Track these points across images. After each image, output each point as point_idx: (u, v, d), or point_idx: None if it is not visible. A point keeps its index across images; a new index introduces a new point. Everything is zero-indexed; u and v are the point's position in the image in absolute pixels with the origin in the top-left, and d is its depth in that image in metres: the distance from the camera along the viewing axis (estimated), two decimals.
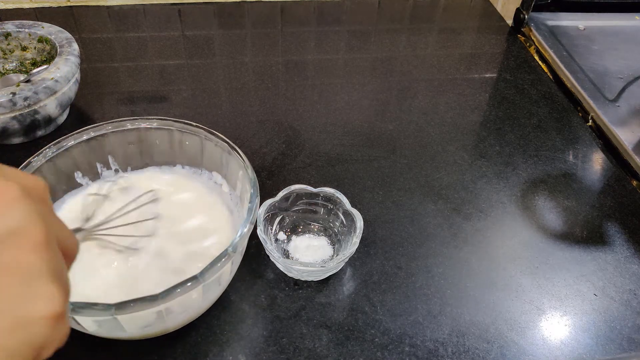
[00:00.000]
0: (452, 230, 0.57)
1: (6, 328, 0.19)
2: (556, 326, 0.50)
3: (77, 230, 0.40)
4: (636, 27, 0.94)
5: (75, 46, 0.65)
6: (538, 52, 0.87)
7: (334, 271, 0.51)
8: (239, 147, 0.48)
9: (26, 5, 0.86)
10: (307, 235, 0.54)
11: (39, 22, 0.68)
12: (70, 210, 0.49)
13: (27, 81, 0.59)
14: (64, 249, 0.24)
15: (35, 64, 0.67)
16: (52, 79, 0.59)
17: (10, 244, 0.20)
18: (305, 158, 0.65)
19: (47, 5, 0.87)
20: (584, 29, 0.92)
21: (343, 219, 0.53)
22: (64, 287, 0.22)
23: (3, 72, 0.67)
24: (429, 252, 0.55)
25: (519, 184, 0.64)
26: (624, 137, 0.69)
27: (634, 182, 0.65)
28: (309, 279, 0.51)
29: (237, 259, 0.45)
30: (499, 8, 0.98)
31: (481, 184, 0.63)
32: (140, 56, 0.79)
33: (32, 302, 0.20)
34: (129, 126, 0.51)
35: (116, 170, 0.53)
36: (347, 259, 0.50)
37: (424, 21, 0.93)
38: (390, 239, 0.56)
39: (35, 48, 0.67)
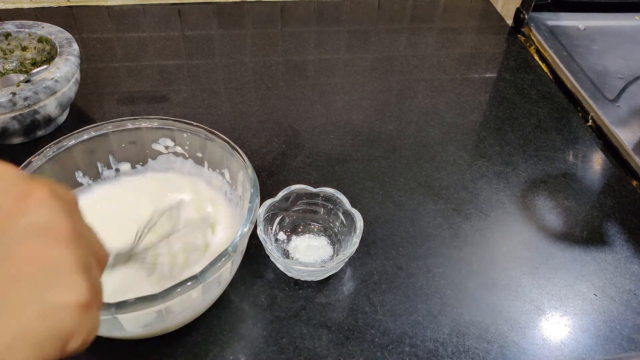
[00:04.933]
0: (452, 230, 0.57)
1: (35, 315, 0.20)
2: (556, 326, 0.50)
3: (128, 252, 0.40)
4: (636, 27, 0.94)
5: (75, 46, 0.65)
6: (538, 52, 0.87)
7: (334, 271, 0.51)
8: (239, 147, 0.48)
9: (26, 5, 0.86)
10: (307, 235, 0.54)
11: (39, 22, 0.68)
12: None
13: (27, 81, 0.59)
14: (94, 255, 0.25)
15: (35, 64, 0.67)
16: (52, 79, 0.59)
17: (38, 238, 0.22)
18: (305, 158, 0.65)
19: (47, 5, 0.87)
20: (584, 29, 0.92)
21: (343, 219, 0.53)
22: (91, 281, 0.23)
23: (3, 72, 0.67)
24: (429, 252, 0.55)
25: (519, 184, 0.64)
26: (624, 137, 0.69)
27: (634, 182, 0.65)
28: (309, 279, 0.51)
29: (237, 258, 0.45)
30: (499, 8, 0.98)
31: (481, 184, 0.63)
32: (140, 56, 0.79)
33: (58, 291, 0.21)
34: (130, 126, 0.51)
35: (117, 170, 0.53)
36: (347, 259, 0.50)
37: (424, 21, 0.93)
38: (390, 239, 0.56)
39: (35, 48, 0.67)
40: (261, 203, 0.51)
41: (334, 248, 0.53)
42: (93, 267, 0.24)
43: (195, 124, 0.51)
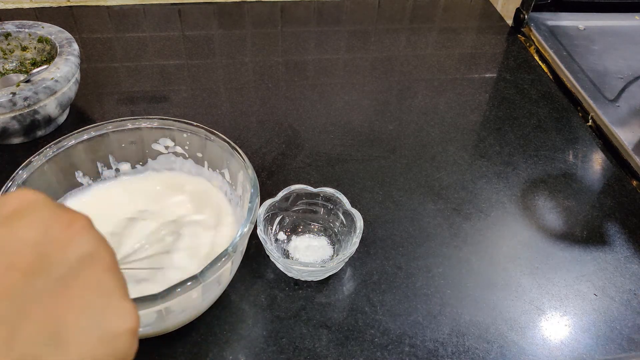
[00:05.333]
0: (452, 230, 0.57)
1: (95, 343, 0.21)
2: (556, 326, 0.50)
3: None
4: (636, 27, 0.94)
5: (75, 46, 0.65)
6: (538, 52, 0.87)
7: (334, 271, 0.51)
8: (239, 147, 0.48)
9: (26, 5, 0.86)
10: (307, 235, 0.54)
11: (39, 22, 0.68)
12: None
13: (27, 81, 0.59)
14: None
15: (35, 64, 0.67)
16: (52, 79, 0.59)
17: (87, 265, 0.22)
18: (305, 158, 0.65)
19: (47, 5, 0.87)
20: (584, 29, 0.92)
21: (343, 219, 0.53)
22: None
23: (3, 72, 0.67)
24: (429, 252, 0.55)
25: (519, 184, 0.64)
26: (624, 137, 0.69)
27: (634, 182, 0.65)
28: (309, 279, 0.51)
29: (237, 258, 0.45)
30: (499, 8, 0.98)
31: (481, 184, 0.63)
32: (140, 56, 0.79)
33: (115, 318, 0.22)
34: (130, 126, 0.51)
35: (117, 170, 0.53)
36: (347, 259, 0.50)
37: (424, 21, 0.93)
38: (390, 239, 0.56)
39: (35, 48, 0.67)
40: (261, 203, 0.51)
41: (334, 248, 0.53)
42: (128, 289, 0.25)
43: (195, 123, 0.51)
